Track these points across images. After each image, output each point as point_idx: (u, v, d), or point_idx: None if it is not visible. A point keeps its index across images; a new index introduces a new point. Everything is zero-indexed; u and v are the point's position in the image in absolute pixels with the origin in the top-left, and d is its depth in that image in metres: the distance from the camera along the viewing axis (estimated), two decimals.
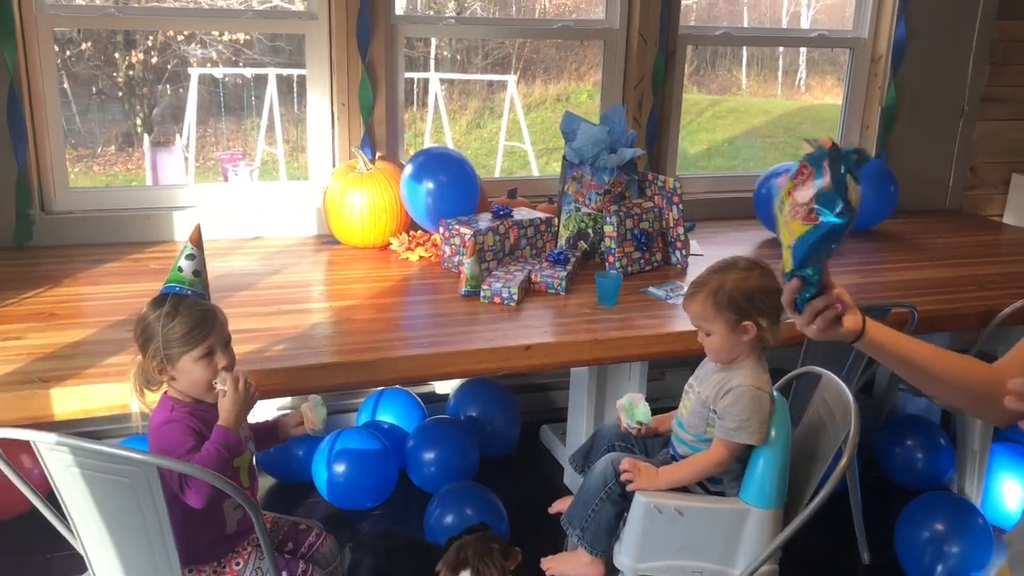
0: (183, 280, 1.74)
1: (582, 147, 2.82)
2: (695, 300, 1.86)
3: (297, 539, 2.00)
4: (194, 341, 1.69)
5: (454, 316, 2.40)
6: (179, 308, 1.70)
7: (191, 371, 1.70)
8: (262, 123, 6.80)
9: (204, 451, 1.66)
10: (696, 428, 1.89)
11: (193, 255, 1.75)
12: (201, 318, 1.71)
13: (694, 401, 1.91)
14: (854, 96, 3.68)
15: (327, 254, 2.90)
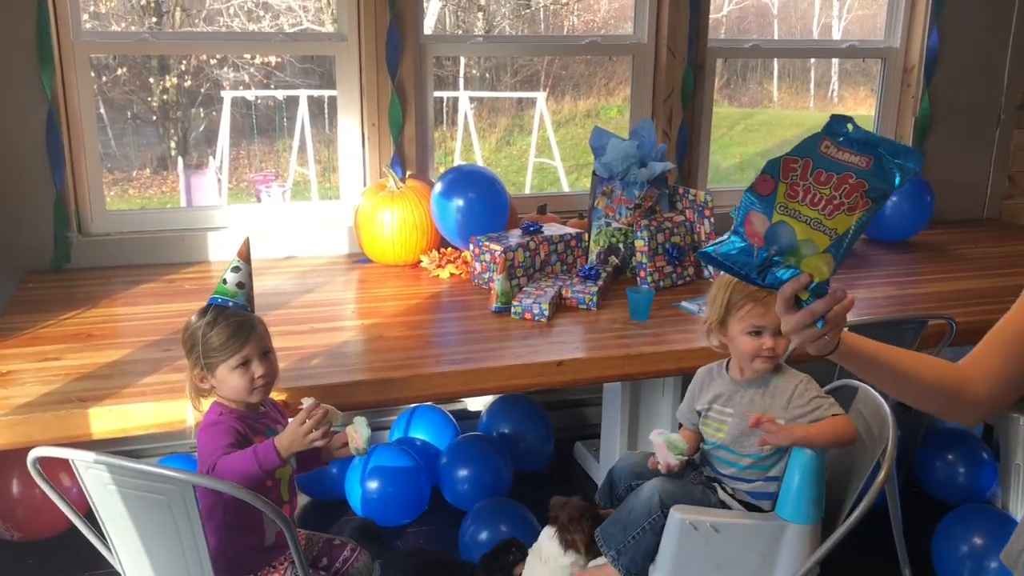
0: (226, 292, 1.79)
1: (612, 162, 2.82)
2: None
3: (332, 555, 2.01)
4: (231, 350, 1.74)
5: (485, 332, 2.40)
6: (218, 318, 1.75)
7: (228, 379, 1.75)
8: (294, 144, 6.88)
9: (240, 452, 1.68)
10: (752, 447, 1.87)
11: (239, 268, 1.81)
12: (237, 328, 1.75)
13: (737, 422, 1.88)
14: (887, 107, 3.64)
15: (358, 272, 2.91)
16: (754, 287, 1.78)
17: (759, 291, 1.83)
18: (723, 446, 1.91)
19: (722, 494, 1.94)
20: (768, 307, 1.81)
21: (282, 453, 1.67)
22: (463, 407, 3.29)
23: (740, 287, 1.85)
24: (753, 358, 1.84)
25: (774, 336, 1.82)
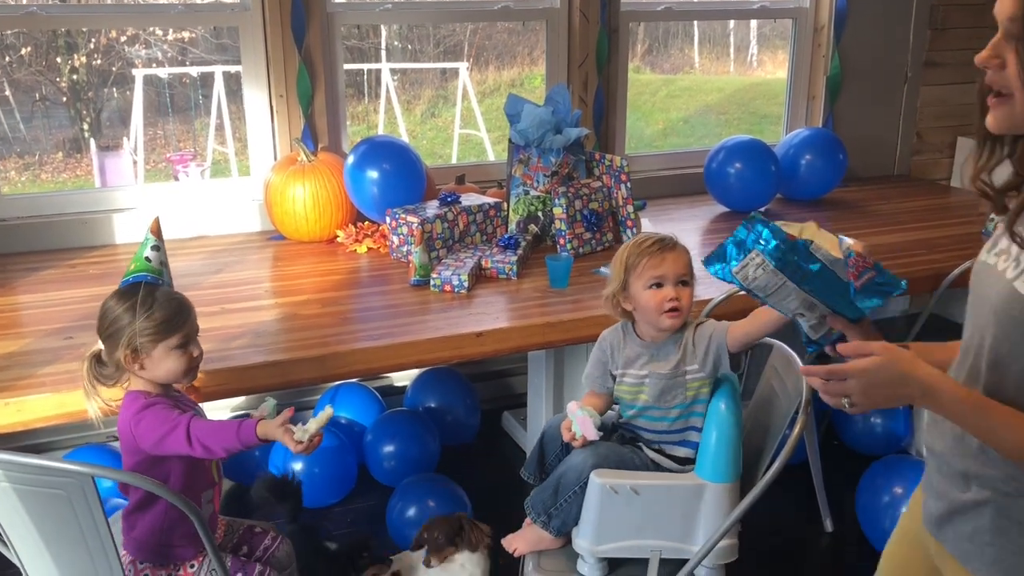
0: (152, 270, 1.73)
1: (527, 129, 2.79)
2: (681, 249, 1.87)
3: (252, 542, 1.97)
4: (172, 330, 1.68)
5: (404, 306, 2.36)
6: (155, 296, 1.69)
7: (165, 360, 1.69)
8: (211, 122, 6.69)
9: (219, 422, 1.67)
10: (676, 398, 1.87)
11: (158, 246, 1.75)
12: (179, 307, 1.71)
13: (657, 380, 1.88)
14: (799, 67, 3.68)
15: (272, 250, 2.84)
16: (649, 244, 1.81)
17: (652, 246, 1.85)
18: (648, 407, 1.91)
19: (649, 452, 1.95)
20: (663, 258, 1.84)
21: (260, 438, 1.64)
22: (388, 383, 3.25)
23: (634, 248, 1.88)
24: (660, 314, 1.84)
25: (675, 286, 1.83)
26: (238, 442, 1.64)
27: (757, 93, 8.70)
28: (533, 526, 1.96)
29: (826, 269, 1.29)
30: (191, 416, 1.66)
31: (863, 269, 1.30)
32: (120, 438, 1.73)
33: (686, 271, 1.85)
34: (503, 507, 2.36)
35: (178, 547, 1.77)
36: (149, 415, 1.66)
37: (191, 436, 1.62)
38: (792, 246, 1.28)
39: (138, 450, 1.68)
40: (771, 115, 6.88)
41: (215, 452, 1.65)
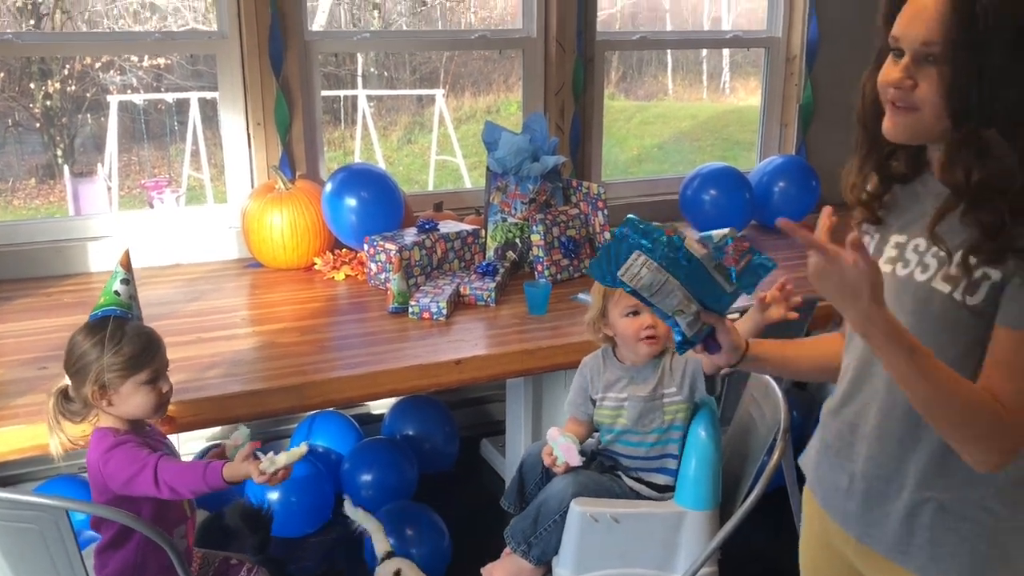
0: (121, 304, 1.71)
1: (505, 157, 2.80)
2: None
3: (228, 574, 1.94)
4: (141, 365, 1.66)
5: (383, 334, 2.35)
6: (124, 331, 1.66)
7: (134, 396, 1.67)
8: (187, 148, 6.66)
9: (187, 463, 1.66)
10: (653, 422, 1.88)
11: (128, 279, 1.73)
12: (148, 342, 1.69)
13: (636, 404, 1.89)
14: (772, 95, 3.73)
15: (249, 277, 2.82)
16: None
17: None
18: (627, 430, 1.92)
19: (628, 480, 1.95)
20: None
21: (227, 480, 1.62)
22: (366, 410, 3.23)
23: None
24: (636, 341, 1.86)
25: (652, 314, 1.84)
26: (204, 485, 1.62)
27: (730, 120, 8.81)
28: (513, 555, 1.95)
29: (700, 264, 1.32)
30: (159, 457, 1.63)
31: (742, 252, 1.34)
32: (89, 476, 1.71)
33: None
34: (482, 535, 2.35)
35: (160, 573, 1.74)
36: (118, 455, 1.64)
37: (158, 478, 1.60)
38: (670, 242, 1.31)
39: (107, 489, 1.65)
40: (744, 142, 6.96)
41: (182, 494, 1.63)
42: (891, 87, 1.20)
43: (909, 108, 1.20)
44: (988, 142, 1.15)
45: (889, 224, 1.32)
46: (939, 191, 1.25)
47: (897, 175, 1.31)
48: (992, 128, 1.15)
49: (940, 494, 1.23)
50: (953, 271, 1.19)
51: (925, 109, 1.18)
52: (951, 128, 1.17)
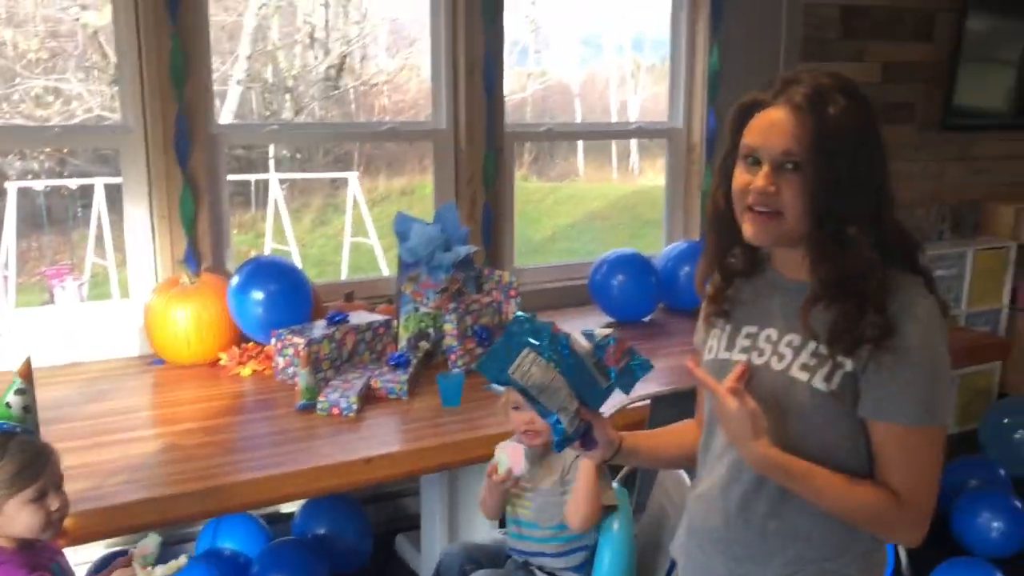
0: (11, 416, 1.63)
1: (416, 247, 2.82)
2: None
3: None
4: (25, 482, 1.57)
5: (291, 432, 2.30)
6: (7, 447, 1.58)
7: (19, 515, 1.58)
8: (91, 235, 6.48)
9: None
10: (554, 518, 1.88)
11: (23, 390, 1.66)
12: (33, 457, 1.60)
13: (539, 495, 1.89)
14: (675, 183, 3.86)
15: (152, 375, 2.73)
16: None
17: None
18: (532, 523, 1.92)
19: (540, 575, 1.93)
20: None
21: None
22: (275, 510, 3.13)
23: None
24: (521, 433, 1.91)
25: (526, 411, 1.87)
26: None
27: (639, 200, 9.07)
28: None
29: (582, 361, 1.38)
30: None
31: (623, 352, 1.41)
32: None
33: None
34: None
35: None
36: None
37: None
38: (556, 339, 1.36)
39: None
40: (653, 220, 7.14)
41: None
42: (755, 193, 1.29)
43: (773, 213, 1.29)
44: (850, 239, 1.26)
45: (738, 316, 1.42)
46: (784, 285, 1.37)
47: (736, 271, 1.43)
48: (852, 226, 1.26)
49: (804, 567, 1.34)
50: (809, 360, 1.30)
51: (788, 213, 1.28)
52: (813, 229, 1.28)
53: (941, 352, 1.28)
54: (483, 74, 3.25)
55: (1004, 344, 3.37)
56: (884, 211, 1.29)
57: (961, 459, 3.61)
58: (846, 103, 1.26)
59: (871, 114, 1.29)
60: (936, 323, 1.28)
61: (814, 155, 1.25)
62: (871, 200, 1.28)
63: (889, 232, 1.30)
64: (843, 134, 1.25)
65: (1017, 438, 3.71)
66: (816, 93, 1.26)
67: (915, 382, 1.26)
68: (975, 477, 3.47)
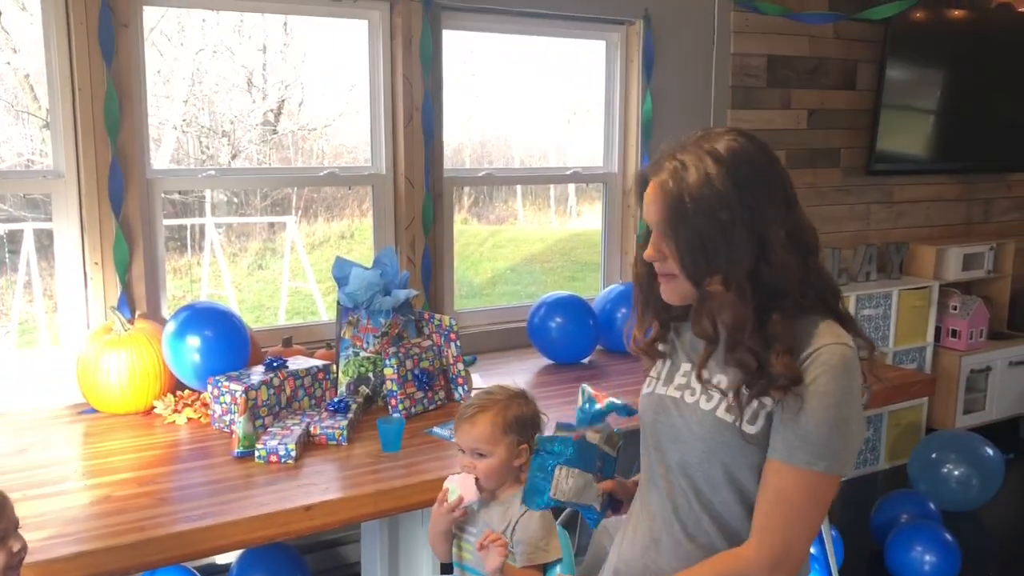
0: None
1: (356, 291, 2.81)
2: (479, 421, 1.88)
3: None
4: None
5: (227, 481, 2.26)
6: None
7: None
8: (19, 280, 6.31)
9: None
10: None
11: None
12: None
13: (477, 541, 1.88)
14: (611, 226, 3.93)
15: (83, 425, 2.66)
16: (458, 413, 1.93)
17: (459, 414, 1.93)
18: (475, 569, 1.91)
19: None
20: (460, 428, 1.92)
21: None
22: (210, 562, 3.05)
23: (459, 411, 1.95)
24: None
25: (471, 456, 1.89)
26: None
27: (578, 242, 9.18)
28: None
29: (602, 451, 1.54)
30: None
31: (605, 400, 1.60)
32: None
33: (479, 443, 1.88)
34: None
35: None
36: None
37: None
38: (580, 445, 1.52)
39: None
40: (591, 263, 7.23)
41: None
42: (649, 260, 1.43)
43: (669, 275, 1.42)
44: (721, 297, 1.37)
45: (678, 355, 1.53)
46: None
47: (675, 316, 1.53)
48: (723, 285, 1.36)
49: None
50: (732, 402, 1.38)
51: (679, 274, 1.40)
52: (692, 287, 1.39)
53: (844, 400, 1.33)
54: (422, 119, 3.29)
55: (930, 380, 3.48)
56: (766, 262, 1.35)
57: (893, 494, 3.70)
58: (710, 169, 1.34)
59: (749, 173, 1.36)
60: (841, 370, 1.33)
61: (669, 222, 1.36)
62: (743, 254, 1.35)
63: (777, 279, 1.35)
64: (699, 199, 1.34)
65: (944, 472, 3.82)
66: (680, 164, 1.36)
67: (808, 426, 1.32)
68: (907, 511, 3.56)
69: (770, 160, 1.40)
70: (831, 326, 1.38)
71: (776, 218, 1.36)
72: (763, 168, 1.38)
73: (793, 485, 1.33)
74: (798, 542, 1.35)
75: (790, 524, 1.34)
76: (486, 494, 1.93)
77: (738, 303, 1.36)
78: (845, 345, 1.35)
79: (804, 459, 1.32)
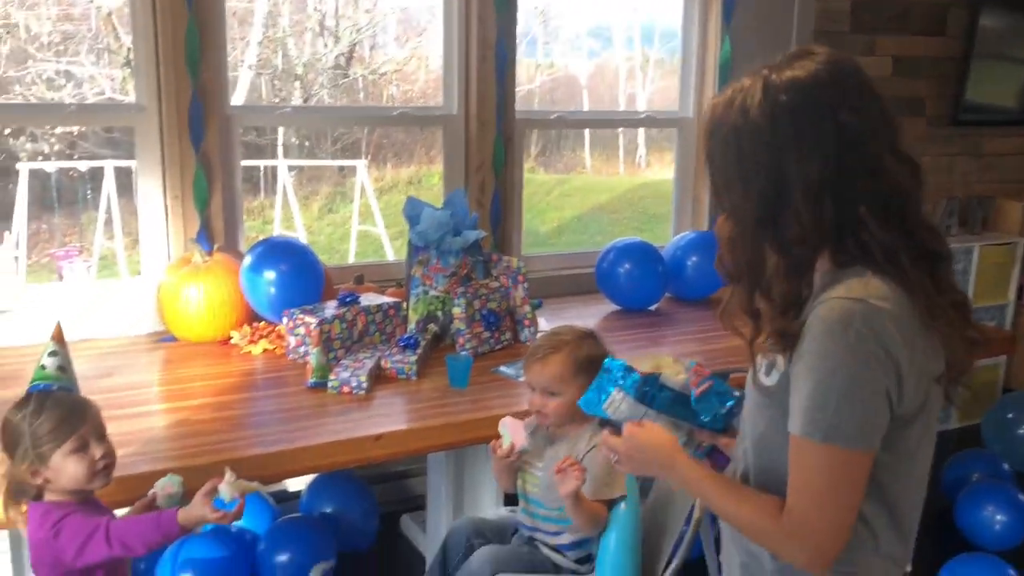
0: (48, 377, 1.69)
1: (426, 231, 2.83)
2: (551, 361, 1.90)
3: None
4: (65, 433, 1.62)
5: (301, 410, 2.32)
6: (45, 403, 1.64)
7: (65, 467, 1.62)
8: (100, 217, 6.51)
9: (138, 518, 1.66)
10: (560, 500, 1.89)
11: (56, 351, 1.73)
12: (70, 410, 1.65)
13: (547, 475, 1.91)
14: (684, 172, 3.87)
15: (163, 352, 2.76)
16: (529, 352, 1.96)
17: (529, 354, 1.98)
18: (538, 501, 1.94)
19: (545, 550, 1.95)
20: (531, 368, 1.97)
21: (183, 525, 1.60)
22: (282, 487, 3.16)
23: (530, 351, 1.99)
24: (534, 413, 1.96)
25: (541, 395, 1.90)
26: (159, 534, 1.60)
27: (646, 193, 9.07)
28: None
29: (679, 394, 1.53)
30: (108, 518, 1.61)
31: (701, 379, 1.54)
32: (35, 554, 1.65)
33: (550, 383, 1.91)
34: None
35: None
36: (67, 525, 1.60)
37: (110, 537, 1.57)
38: (645, 379, 1.52)
39: (59, 563, 1.60)
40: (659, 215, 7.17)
41: (136, 550, 1.60)
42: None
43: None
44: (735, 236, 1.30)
45: None
46: None
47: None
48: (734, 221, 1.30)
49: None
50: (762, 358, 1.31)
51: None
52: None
53: (838, 361, 1.17)
54: (495, 60, 3.27)
55: (1009, 338, 3.38)
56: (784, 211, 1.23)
57: (965, 452, 3.63)
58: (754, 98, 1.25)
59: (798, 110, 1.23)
60: (837, 326, 1.17)
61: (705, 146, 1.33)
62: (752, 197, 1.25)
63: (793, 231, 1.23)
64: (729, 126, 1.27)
65: (1021, 433, 3.73)
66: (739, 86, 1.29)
67: (802, 391, 1.20)
68: (978, 471, 3.49)
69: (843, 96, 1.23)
70: (861, 280, 1.21)
71: (812, 165, 1.21)
72: (821, 105, 1.22)
73: (800, 455, 1.22)
74: (814, 516, 1.21)
75: (800, 495, 1.22)
76: (553, 430, 1.96)
77: (742, 245, 1.28)
78: (851, 299, 1.18)
79: (801, 427, 1.20)
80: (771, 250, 1.27)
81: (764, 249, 1.27)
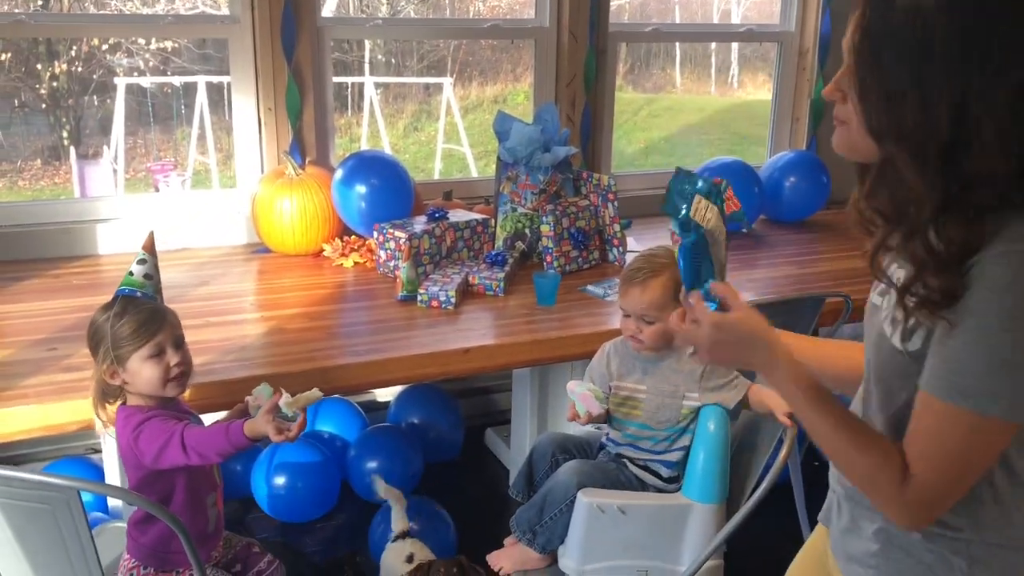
0: (133, 283, 1.73)
1: (516, 146, 2.80)
2: (651, 286, 1.86)
3: (248, 562, 1.96)
4: (143, 338, 1.67)
5: (391, 322, 2.35)
6: (127, 308, 1.69)
7: (141, 371, 1.68)
8: (193, 132, 6.65)
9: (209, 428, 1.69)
10: (670, 420, 1.89)
11: (144, 260, 1.77)
12: (149, 316, 1.70)
13: (655, 397, 1.90)
14: (783, 90, 3.72)
15: (257, 263, 2.82)
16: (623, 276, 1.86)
17: (625, 278, 1.91)
18: (642, 424, 1.93)
19: (632, 468, 1.96)
20: (627, 292, 1.89)
21: (249, 437, 1.64)
22: (371, 398, 3.24)
23: (627, 274, 1.92)
24: (628, 338, 1.93)
25: (636, 321, 1.87)
26: (229, 445, 1.64)
27: (738, 114, 8.79)
28: (519, 544, 1.96)
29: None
30: (185, 425, 1.66)
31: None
32: (122, 455, 1.73)
33: (649, 309, 1.86)
34: (486, 525, 2.36)
35: (178, 553, 1.75)
36: (147, 429, 1.66)
37: (185, 445, 1.62)
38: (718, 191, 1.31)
39: (140, 465, 1.68)
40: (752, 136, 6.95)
41: (210, 458, 1.66)
42: (827, 98, 1.16)
43: (842, 121, 1.13)
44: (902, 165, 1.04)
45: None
46: None
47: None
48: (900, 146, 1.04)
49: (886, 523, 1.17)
50: (896, 314, 1.11)
51: (851, 123, 1.10)
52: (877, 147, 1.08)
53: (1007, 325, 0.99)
54: None
55: None
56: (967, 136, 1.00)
57: None
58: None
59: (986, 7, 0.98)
60: (1014, 288, 0.99)
61: (858, 51, 1.06)
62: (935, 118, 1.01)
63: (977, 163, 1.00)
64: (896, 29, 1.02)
65: None
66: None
67: (957, 350, 1.03)
68: None
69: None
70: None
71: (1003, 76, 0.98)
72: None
73: (940, 422, 1.05)
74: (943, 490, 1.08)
75: (930, 464, 1.07)
76: (649, 354, 1.93)
77: (914, 177, 1.03)
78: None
79: (946, 391, 1.04)
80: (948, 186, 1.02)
81: (941, 184, 1.02)
